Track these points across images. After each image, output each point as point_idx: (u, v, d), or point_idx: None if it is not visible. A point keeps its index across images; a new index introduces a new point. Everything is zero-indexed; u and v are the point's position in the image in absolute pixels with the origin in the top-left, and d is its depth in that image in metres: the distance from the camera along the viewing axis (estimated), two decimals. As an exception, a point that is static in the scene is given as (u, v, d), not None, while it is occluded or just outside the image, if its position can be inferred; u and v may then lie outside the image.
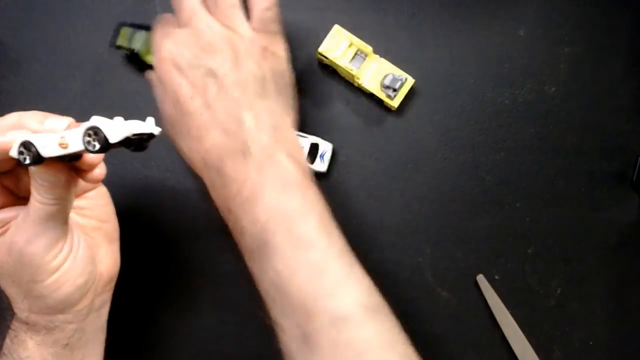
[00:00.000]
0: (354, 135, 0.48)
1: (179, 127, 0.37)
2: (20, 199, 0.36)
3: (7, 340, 0.36)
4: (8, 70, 0.48)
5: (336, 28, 0.46)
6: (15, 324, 0.36)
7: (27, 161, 0.31)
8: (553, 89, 0.49)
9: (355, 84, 0.48)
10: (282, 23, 0.49)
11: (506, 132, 0.49)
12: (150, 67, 0.44)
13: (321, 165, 0.47)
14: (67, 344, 0.36)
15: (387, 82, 0.46)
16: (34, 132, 0.33)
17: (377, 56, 0.47)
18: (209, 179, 0.37)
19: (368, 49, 0.46)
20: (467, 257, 0.48)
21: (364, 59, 0.47)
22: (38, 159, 0.31)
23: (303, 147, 0.46)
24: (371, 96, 0.48)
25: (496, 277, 0.48)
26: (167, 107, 0.38)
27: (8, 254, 0.33)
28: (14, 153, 0.32)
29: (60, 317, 0.35)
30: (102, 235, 0.39)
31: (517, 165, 0.49)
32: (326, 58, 0.46)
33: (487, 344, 0.48)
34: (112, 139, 0.30)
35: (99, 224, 0.39)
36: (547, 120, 0.49)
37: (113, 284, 0.40)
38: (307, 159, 0.46)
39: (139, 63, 0.47)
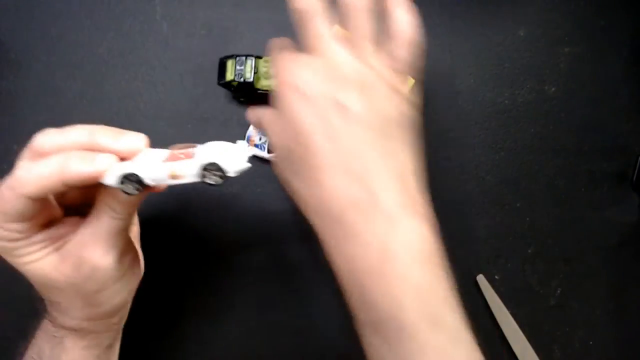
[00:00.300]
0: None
1: (296, 164, 0.33)
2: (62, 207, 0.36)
3: (46, 349, 0.36)
4: (8, 70, 0.48)
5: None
6: (60, 332, 0.36)
7: (131, 191, 0.31)
8: (553, 89, 0.49)
9: (355, 84, 0.48)
10: (283, 23, 0.49)
11: (506, 132, 0.49)
12: (260, 93, 0.45)
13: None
14: (110, 345, 0.38)
15: (387, 82, 0.46)
16: (108, 149, 0.32)
17: (377, 56, 0.47)
18: (326, 229, 0.32)
19: (368, 49, 0.46)
20: (467, 257, 0.48)
21: (364, 59, 0.47)
22: (141, 189, 0.31)
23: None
24: (371, 96, 0.48)
25: (496, 277, 0.48)
26: (283, 140, 0.33)
27: (76, 269, 0.33)
28: (112, 182, 0.31)
29: (112, 320, 0.37)
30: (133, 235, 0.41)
31: (517, 165, 0.49)
32: (326, 58, 0.46)
33: (487, 344, 0.48)
34: (230, 173, 0.31)
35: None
36: (547, 120, 0.49)
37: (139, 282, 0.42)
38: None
39: (247, 94, 0.47)
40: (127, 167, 0.31)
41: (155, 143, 0.35)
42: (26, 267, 0.33)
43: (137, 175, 0.31)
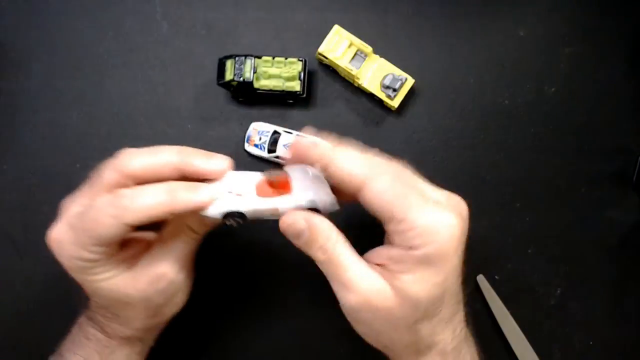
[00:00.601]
0: (354, 135, 0.48)
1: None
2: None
3: (95, 356, 0.37)
4: (8, 70, 0.48)
5: (336, 28, 0.46)
6: (111, 342, 0.37)
7: (232, 224, 0.33)
8: (553, 89, 0.49)
9: (355, 84, 0.48)
10: (283, 23, 0.49)
11: (506, 132, 0.49)
12: (260, 93, 0.45)
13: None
14: (151, 347, 0.41)
15: (387, 82, 0.46)
16: (202, 171, 0.33)
17: (377, 56, 0.47)
18: None
19: (368, 49, 0.46)
20: (467, 257, 0.48)
21: (364, 59, 0.47)
22: (242, 222, 0.33)
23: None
24: (371, 96, 0.48)
25: (496, 277, 0.48)
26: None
27: (152, 284, 0.35)
28: (215, 213, 0.32)
29: (159, 328, 0.39)
30: None
31: (517, 165, 0.49)
32: (326, 58, 0.46)
33: (487, 344, 0.48)
34: (327, 211, 0.34)
35: None
36: (547, 120, 0.49)
37: None
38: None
39: (247, 94, 0.47)
40: (232, 204, 0.32)
41: (155, 143, 0.35)
42: (98, 284, 0.34)
43: (242, 213, 0.33)
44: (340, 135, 0.48)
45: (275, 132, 0.46)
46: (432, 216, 0.31)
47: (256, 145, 0.47)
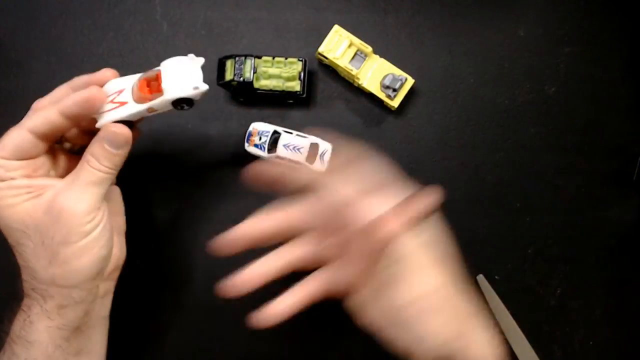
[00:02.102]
0: (354, 135, 0.48)
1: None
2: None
3: (16, 326, 0.37)
4: (8, 70, 0.48)
5: (336, 28, 0.46)
6: (27, 303, 0.37)
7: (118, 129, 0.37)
8: (553, 89, 0.49)
9: (355, 84, 0.48)
10: (283, 23, 0.49)
11: (506, 132, 0.49)
12: (260, 93, 0.45)
13: (321, 165, 0.47)
14: (77, 327, 0.37)
15: (387, 82, 0.46)
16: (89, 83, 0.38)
17: (377, 56, 0.47)
18: None
19: (368, 49, 0.46)
20: (467, 257, 0.48)
21: (364, 59, 0.47)
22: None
23: (302, 149, 0.46)
24: (371, 96, 0.48)
25: (496, 277, 0.48)
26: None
27: (45, 213, 0.35)
28: (102, 124, 0.36)
29: (76, 292, 0.36)
30: (114, 225, 0.40)
31: (517, 165, 0.49)
32: (326, 58, 0.46)
33: (487, 344, 0.48)
34: (197, 98, 0.38)
35: (112, 215, 0.40)
36: (547, 120, 0.49)
37: (117, 273, 0.42)
38: (307, 159, 0.46)
39: (246, 94, 0.47)
40: (113, 115, 0.36)
41: (155, 142, 0.35)
42: (2, 211, 0.35)
43: (126, 120, 0.37)
44: (340, 135, 0.48)
45: (275, 132, 0.46)
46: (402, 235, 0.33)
47: (256, 145, 0.47)
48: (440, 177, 0.48)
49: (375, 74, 0.47)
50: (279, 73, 0.46)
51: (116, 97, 0.37)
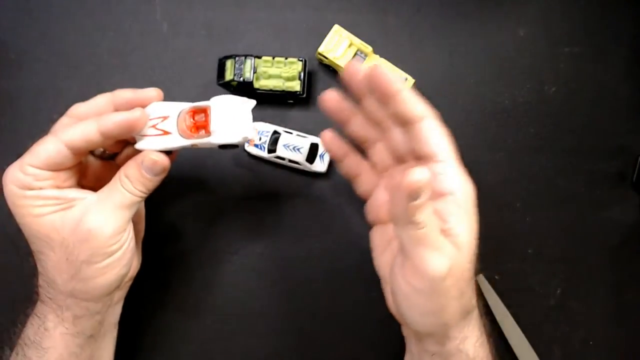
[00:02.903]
0: (354, 135, 0.48)
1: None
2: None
3: (30, 331, 0.37)
4: (8, 70, 0.48)
5: (336, 28, 0.46)
6: (42, 310, 0.37)
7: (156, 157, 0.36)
8: (553, 89, 0.49)
9: (355, 84, 0.48)
10: (283, 23, 0.49)
11: (506, 132, 0.49)
12: (260, 93, 0.45)
13: (321, 166, 0.47)
14: (91, 335, 0.38)
15: (387, 82, 0.46)
16: (132, 101, 0.37)
17: (377, 56, 0.47)
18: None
19: (368, 49, 0.46)
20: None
21: (364, 59, 0.47)
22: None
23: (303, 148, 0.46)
24: (371, 96, 0.48)
25: (496, 277, 0.48)
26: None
27: (73, 231, 0.35)
28: (143, 148, 0.36)
29: (92, 305, 0.37)
30: (134, 234, 0.41)
31: (517, 165, 0.49)
32: (326, 58, 0.46)
33: (487, 344, 0.48)
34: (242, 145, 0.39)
35: (134, 223, 0.40)
36: (547, 120, 0.49)
37: (131, 282, 0.42)
38: (307, 159, 0.46)
39: (246, 94, 0.46)
40: (155, 143, 0.36)
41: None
42: (27, 219, 0.35)
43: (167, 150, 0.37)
44: (340, 136, 0.48)
45: (275, 132, 0.46)
46: (460, 173, 0.35)
47: (256, 145, 0.47)
48: (440, 177, 0.48)
49: (375, 74, 0.47)
50: (279, 73, 0.46)
51: (160, 123, 0.36)
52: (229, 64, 0.45)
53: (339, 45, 0.46)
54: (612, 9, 0.50)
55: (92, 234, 0.35)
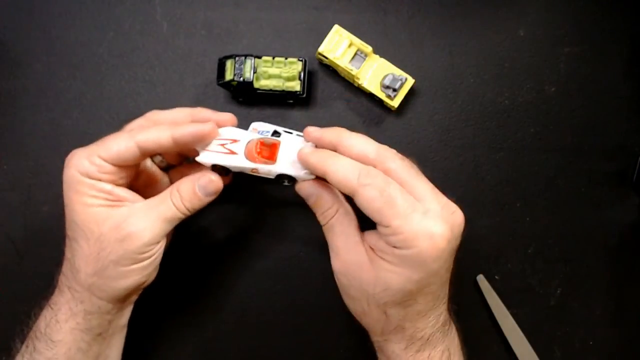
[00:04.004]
0: (354, 135, 0.48)
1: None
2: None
3: (42, 323, 0.38)
4: (8, 70, 0.48)
5: (336, 28, 0.46)
6: (57, 301, 0.38)
7: (222, 174, 0.39)
8: (553, 89, 0.49)
9: (355, 84, 0.48)
10: (283, 23, 0.49)
11: (506, 132, 0.49)
12: (260, 93, 0.45)
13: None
14: (99, 334, 0.38)
15: (387, 82, 0.46)
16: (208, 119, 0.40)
17: (377, 56, 0.47)
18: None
19: (368, 49, 0.46)
20: (467, 257, 0.48)
21: (364, 59, 0.47)
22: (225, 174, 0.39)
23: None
24: (371, 96, 0.48)
25: (496, 277, 0.48)
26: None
27: (113, 230, 0.36)
28: (205, 161, 0.38)
29: (104, 304, 0.38)
30: None
31: (517, 165, 0.49)
32: (326, 58, 0.46)
33: (487, 344, 0.48)
34: (299, 179, 0.40)
35: None
36: (547, 120, 0.49)
37: (145, 286, 0.41)
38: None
39: (246, 94, 0.47)
40: (219, 159, 0.38)
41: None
42: (76, 205, 0.36)
43: (227, 168, 0.39)
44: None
45: (275, 132, 0.46)
46: (416, 225, 0.34)
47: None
48: (440, 177, 0.48)
49: (375, 74, 0.47)
50: (279, 73, 0.46)
51: (228, 144, 0.38)
52: (229, 64, 0.45)
53: (339, 45, 0.46)
54: (612, 9, 0.50)
55: (130, 237, 0.36)
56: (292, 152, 0.39)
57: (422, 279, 0.35)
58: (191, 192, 0.38)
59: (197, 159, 0.38)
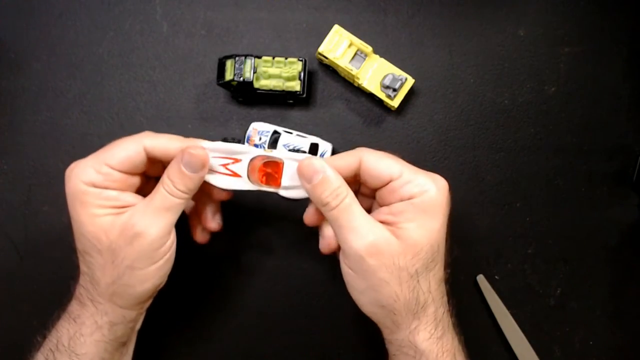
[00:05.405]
0: (354, 135, 0.48)
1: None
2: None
3: (64, 337, 0.37)
4: (8, 70, 0.48)
5: (336, 28, 0.46)
6: (80, 314, 0.37)
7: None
8: (553, 89, 0.49)
9: (355, 84, 0.48)
10: (283, 23, 0.49)
11: (506, 132, 0.49)
12: (260, 93, 0.45)
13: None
14: (124, 343, 0.39)
15: (387, 82, 0.46)
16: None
17: (377, 56, 0.47)
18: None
19: (368, 49, 0.46)
20: (467, 257, 0.48)
21: (364, 59, 0.47)
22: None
23: (306, 151, 0.46)
24: (371, 96, 0.48)
25: (496, 277, 0.48)
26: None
27: (120, 235, 0.35)
28: (210, 181, 0.38)
29: (128, 313, 0.38)
30: None
31: (517, 165, 0.49)
32: (326, 58, 0.46)
33: (487, 344, 0.48)
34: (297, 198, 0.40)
35: None
36: (547, 120, 0.49)
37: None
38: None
39: (246, 93, 0.47)
40: (223, 182, 0.38)
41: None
42: (83, 217, 0.36)
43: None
44: (340, 135, 0.48)
45: (275, 132, 0.46)
46: (423, 175, 0.37)
47: (256, 145, 0.47)
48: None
49: (375, 73, 0.47)
50: (279, 73, 0.46)
51: (231, 164, 0.38)
52: (229, 64, 0.45)
53: (339, 45, 0.46)
54: (612, 9, 0.50)
55: (137, 237, 0.35)
56: (295, 170, 0.39)
57: (441, 227, 0.36)
58: (179, 173, 0.36)
59: (205, 179, 0.38)
